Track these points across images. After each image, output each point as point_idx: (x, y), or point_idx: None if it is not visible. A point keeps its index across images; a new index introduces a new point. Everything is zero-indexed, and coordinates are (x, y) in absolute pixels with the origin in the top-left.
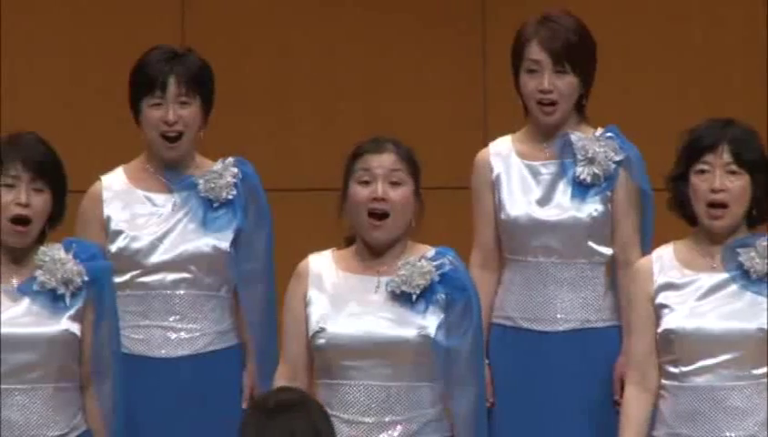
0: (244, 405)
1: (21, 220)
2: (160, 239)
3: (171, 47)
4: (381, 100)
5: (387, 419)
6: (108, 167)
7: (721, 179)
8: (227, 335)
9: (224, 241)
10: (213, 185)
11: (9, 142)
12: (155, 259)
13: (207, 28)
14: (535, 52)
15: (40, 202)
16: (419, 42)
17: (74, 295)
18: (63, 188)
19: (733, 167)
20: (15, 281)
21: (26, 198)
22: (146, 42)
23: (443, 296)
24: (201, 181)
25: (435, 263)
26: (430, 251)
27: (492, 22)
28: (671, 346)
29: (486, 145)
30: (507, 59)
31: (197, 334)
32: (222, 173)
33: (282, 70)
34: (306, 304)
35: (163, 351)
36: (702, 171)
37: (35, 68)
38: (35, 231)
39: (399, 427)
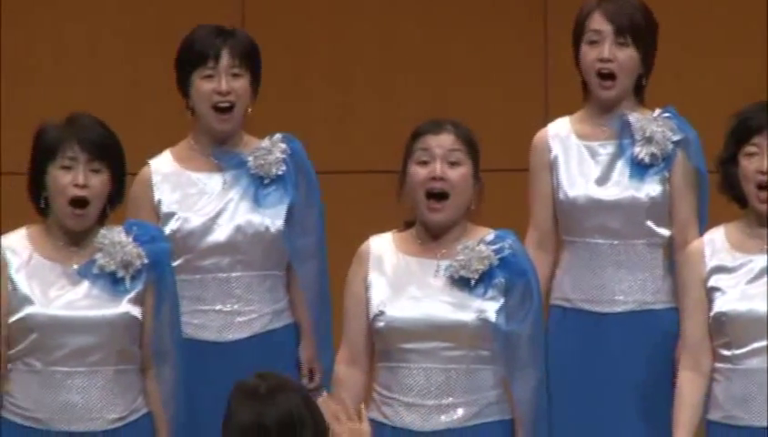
0: (304, 382)
1: (79, 202)
2: (213, 219)
3: (218, 25)
4: (442, 83)
5: (446, 401)
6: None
7: None
8: (283, 314)
9: (277, 218)
10: (263, 161)
11: (65, 124)
12: (209, 240)
13: (268, 10)
14: (597, 22)
15: (98, 183)
16: (480, 24)
17: (134, 278)
18: (121, 167)
19: None
20: (75, 264)
21: (84, 179)
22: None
23: (502, 280)
24: (250, 158)
25: (494, 247)
26: (490, 235)
27: (555, 4)
28: (723, 329)
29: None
30: (569, 41)
31: (255, 316)
32: (271, 149)
33: (343, 52)
34: (366, 287)
35: (220, 335)
36: (751, 154)
37: (94, 51)
38: (94, 213)
39: (459, 409)
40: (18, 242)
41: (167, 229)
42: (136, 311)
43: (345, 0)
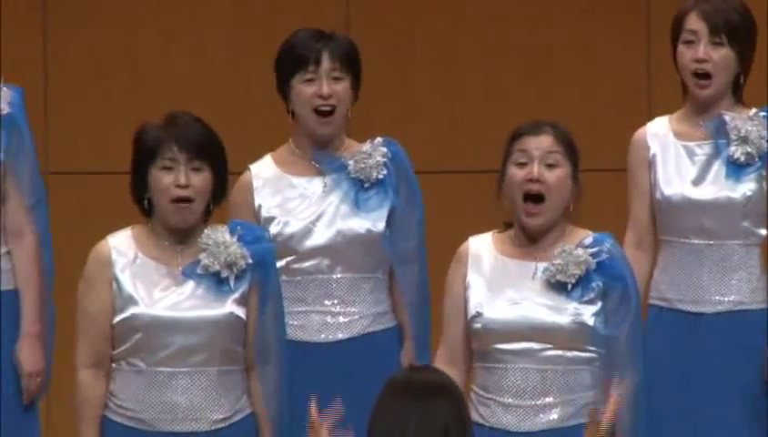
0: None
1: (182, 201)
2: (313, 223)
3: (317, 28)
4: (545, 83)
5: (543, 402)
6: (268, 150)
7: None
8: (384, 316)
9: (378, 221)
10: (363, 165)
11: (164, 124)
12: (309, 243)
13: (373, 11)
14: (693, 22)
15: (200, 181)
16: (583, 24)
17: (238, 278)
18: (222, 165)
19: None
20: (179, 264)
21: (185, 179)
22: (311, 24)
23: (600, 284)
24: (351, 162)
25: (592, 251)
26: (588, 238)
27: (657, 4)
28: None
29: None
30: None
31: (356, 317)
32: (371, 153)
33: (447, 52)
34: (465, 287)
35: (322, 336)
36: None
37: (197, 50)
38: (198, 210)
39: (555, 410)
40: (124, 242)
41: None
42: (240, 312)
43: (448, 0)
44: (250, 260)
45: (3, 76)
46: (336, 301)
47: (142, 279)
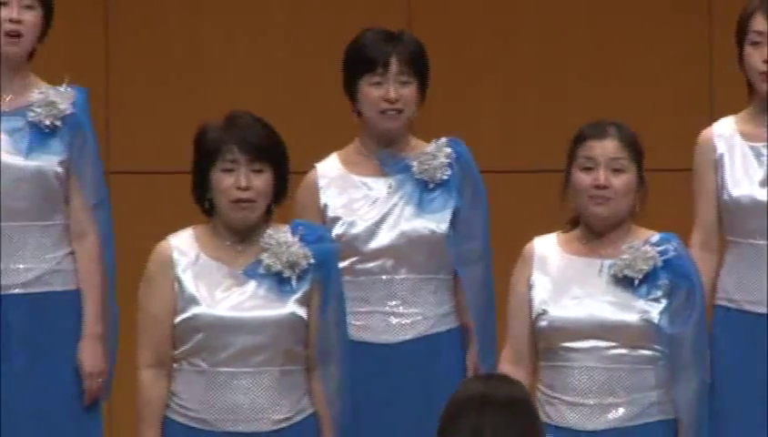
0: None
1: (243, 202)
2: (378, 224)
3: (386, 29)
4: (607, 83)
5: (608, 401)
6: (332, 149)
7: None
8: (448, 317)
9: (442, 223)
10: (427, 166)
11: (224, 125)
12: (373, 244)
13: (434, 10)
14: (759, 23)
15: (261, 182)
16: (645, 24)
17: (300, 278)
18: (284, 165)
19: None
20: (241, 264)
21: (246, 181)
22: (372, 24)
23: (666, 282)
24: (415, 163)
25: (659, 249)
26: (655, 236)
27: (719, 5)
28: None
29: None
30: (734, 41)
31: (419, 318)
32: (436, 154)
33: (508, 52)
34: (530, 287)
35: (385, 337)
36: None
37: (259, 51)
38: (260, 210)
39: (620, 409)
40: (185, 242)
41: (333, 233)
42: (302, 312)
43: (511, 1)
44: (312, 260)
45: (64, 75)
46: (399, 302)
47: (204, 279)
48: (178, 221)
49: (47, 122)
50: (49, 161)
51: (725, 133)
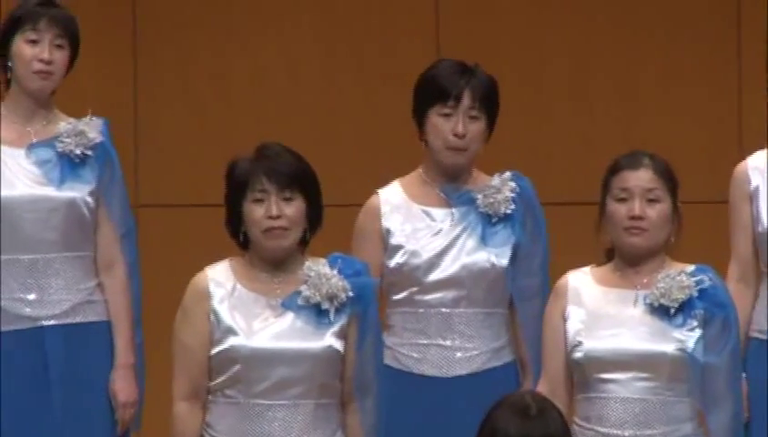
0: None
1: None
2: (439, 256)
3: (462, 61)
4: (638, 114)
5: (644, 433)
6: (365, 177)
7: None
8: (502, 351)
9: (502, 257)
10: (492, 200)
11: (254, 157)
12: (434, 275)
13: (462, 40)
14: None
15: (292, 211)
16: (673, 56)
17: (338, 311)
18: (316, 193)
19: None
20: (278, 296)
21: (277, 209)
22: (402, 54)
23: (701, 311)
24: (480, 196)
25: (694, 279)
26: (690, 267)
27: (748, 34)
28: None
29: (743, 158)
30: (763, 71)
31: (475, 353)
32: (500, 188)
33: (538, 83)
34: (564, 319)
35: (440, 371)
36: None
37: (289, 83)
38: (293, 238)
39: None
40: (222, 274)
41: (393, 262)
42: (338, 345)
43: (540, 32)
44: (351, 293)
45: (93, 107)
46: (456, 336)
47: (241, 311)
48: (207, 254)
49: (78, 151)
50: (81, 191)
51: (760, 165)
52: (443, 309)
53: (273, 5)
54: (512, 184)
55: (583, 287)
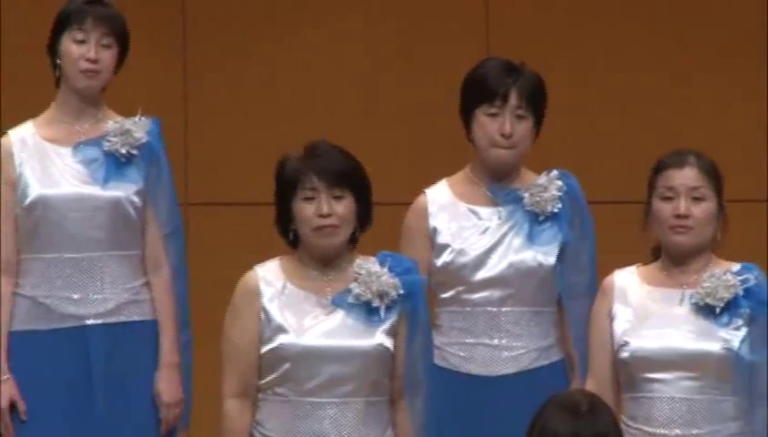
0: None
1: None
2: (487, 254)
3: (509, 60)
4: (685, 113)
5: (690, 432)
6: (411, 177)
7: None
8: (550, 350)
9: (550, 256)
10: (538, 198)
11: (303, 155)
12: (481, 274)
13: (511, 39)
14: None
15: (342, 208)
16: (721, 57)
17: (388, 308)
18: (365, 190)
19: None
20: (328, 294)
21: (327, 207)
22: (451, 53)
23: (747, 310)
24: (526, 195)
25: (740, 277)
26: (735, 266)
27: None
28: None
29: None
30: None
31: (522, 352)
32: (547, 186)
33: (587, 81)
34: (611, 319)
35: (488, 370)
36: None
37: (337, 82)
38: (343, 235)
39: None
40: (272, 272)
41: (440, 261)
42: (388, 343)
43: (586, 38)
44: (401, 291)
45: (143, 107)
46: (503, 335)
47: (291, 309)
48: (257, 252)
49: (123, 151)
50: (126, 190)
51: None
52: (490, 308)
53: (321, 4)
54: (559, 182)
55: (630, 286)
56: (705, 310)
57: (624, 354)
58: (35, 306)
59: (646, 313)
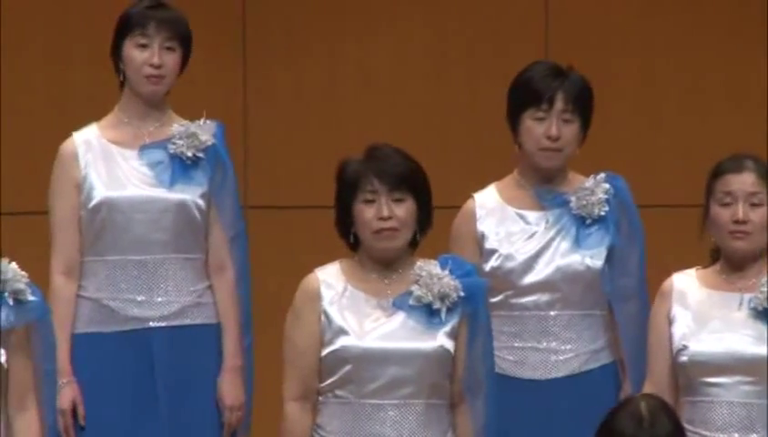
0: None
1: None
2: (534, 259)
3: (555, 63)
4: (747, 116)
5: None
6: (471, 180)
7: None
8: (600, 354)
9: (597, 259)
10: (585, 202)
11: (364, 158)
12: (529, 279)
13: (571, 41)
14: None
15: (402, 212)
16: None
17: (449, 311)
18: (425, 193)
19: None
20: (389, 296)
21: (387, 210)
22: (511, 55)
23: None
24: (573, 198)
25: None
26: None
27: None
28: None
29: None
30: None
31: (571, 355)
32: (594, 190)
33: (647, 83)
34: (670, 322)
35: (537, 373)
36: None
37: (397, 85)
38: (404, 238)
39: None
40: (332, 275)
41: (488, 266)
42: (449, 345)
43: (649, 33)
44: (462, 293)
45: (203, 110)
46: (551, 338)
47: (352, 311)
48: (317, 255)
49: (189, 154)
50: (192, 193)
51: None
52: (539, 312)
53: (383, 6)
54: (606, 185)
55: (689, 289)
56: (764, 315)
57: (683, 358)
58: (99, 308)
59: (705, 317)
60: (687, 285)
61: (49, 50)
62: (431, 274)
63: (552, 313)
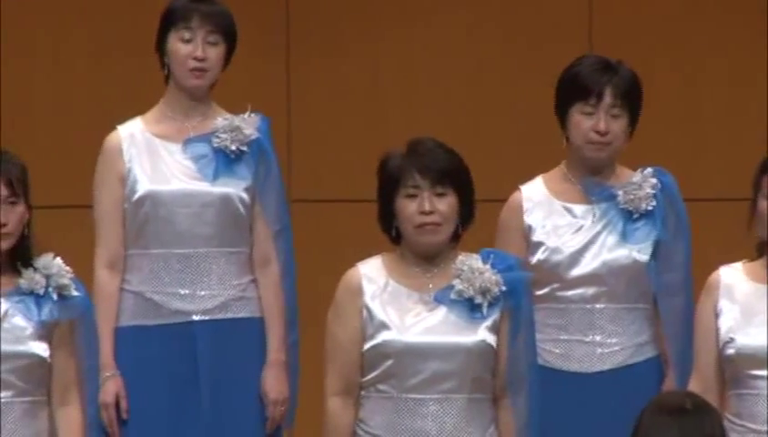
0: None
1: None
2: (581, 252)
3: (604, 57)
4: None
5: None
6: (512, 174)
7: None
8: (645, 347)
9: (644, 253)
10: (632, 196)
11: (406, 152)
12: (575, 272)
13: (615, 36)
14: None
15: (444, 206)
16: None
17: (491, 305)
18: (467, 187)
19: None
20: (430, 290)
21: (429, 205)
22: (553, 49)
23: None
24: (620, 192)
25: None
26: None
27: None
28: None
29: None
30: None
31: (617, 348)
32: (641, 184)
33: (691, 78)
34: (716, 315)
35: (583, 366)
36: None
37: (439, 80)
38: (446, 233)
39: None
40: (374, 269)
41: (534, 258)
42: (491, 339)
43: (692, 28)
44: (504, 287)
45: (246, 104)
46: (597, 331)
47: (393, 306)
48: (359, 249)
49: (233, 147)
50: (235, 187)
51: None
52: (585, 305)
53: (425, 1)
54: (654, 180)
55: (735, 282)
56: None
57: (730, 351)
58: (143, 301)
59: (753, 310)
60: (734, 279)
61: (90, 44)
62: (473, 268)
63: (598, 306)
